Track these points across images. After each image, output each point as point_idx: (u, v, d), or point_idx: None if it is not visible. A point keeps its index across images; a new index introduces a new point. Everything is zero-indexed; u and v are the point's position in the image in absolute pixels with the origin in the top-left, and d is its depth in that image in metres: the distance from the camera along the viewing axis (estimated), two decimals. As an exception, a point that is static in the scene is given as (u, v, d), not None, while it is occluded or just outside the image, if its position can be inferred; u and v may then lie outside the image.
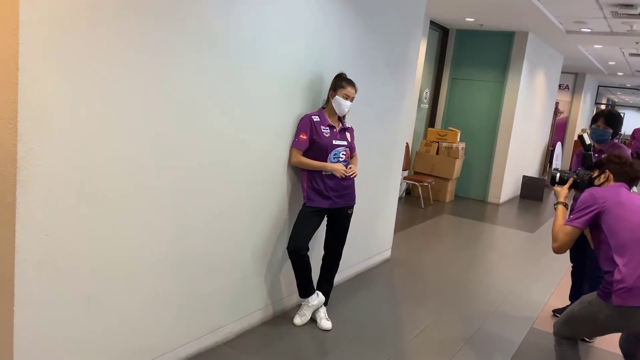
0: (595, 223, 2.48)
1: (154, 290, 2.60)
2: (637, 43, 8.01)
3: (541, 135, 10.50)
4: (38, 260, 2.04)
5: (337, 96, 3.27)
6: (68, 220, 2.13)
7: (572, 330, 2.64)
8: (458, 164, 8.09)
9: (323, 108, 3.37)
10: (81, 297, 2.25)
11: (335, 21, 3.56)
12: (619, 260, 2.37)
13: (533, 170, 10.36)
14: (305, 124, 3.25)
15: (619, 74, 13.55)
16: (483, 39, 8.29)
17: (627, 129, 29.94)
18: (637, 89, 18.30)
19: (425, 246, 5.72)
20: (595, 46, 8.99)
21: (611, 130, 3.67)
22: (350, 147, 3.46)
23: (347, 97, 3.27)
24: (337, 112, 3.31)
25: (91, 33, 2.06)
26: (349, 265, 4.35)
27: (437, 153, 8.01)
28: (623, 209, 2.44)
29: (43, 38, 1.90)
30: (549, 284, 4.83)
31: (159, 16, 2.32)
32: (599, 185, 2.65)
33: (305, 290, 3.42)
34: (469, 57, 8.44)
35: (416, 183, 7.70)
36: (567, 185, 2.84)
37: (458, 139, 8.07)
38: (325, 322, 3.46)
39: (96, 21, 2.07)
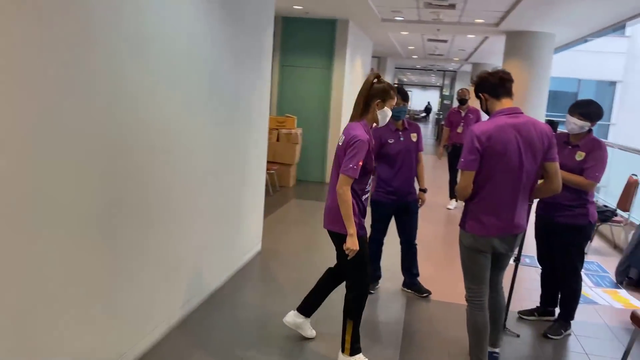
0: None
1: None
2: (438, 30, 9.08)
3: (361, 116, 11.32)
4: None
5: (386, 107, 2.92)
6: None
7: (468, 276, 2.91)
8: (298, 149, 8.31)
9: (362, 119, 2.93)
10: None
11: (204, 12, 3.34)
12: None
13: (357, 149, 11.14)
14: (363, 149, 2.76)
15: (414, 57, 15.25)
16: (309, 27, 8.56)
17: (415, 105, 33.91)
18: (425, 69, 20.84)
19: (289, 233, 5.79)
20: (402, 33, 9.96)
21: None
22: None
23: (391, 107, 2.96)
24: (379, 123, 2.96)
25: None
26: (224, 268, 4.21)
27: (277, 140, 8.11)
28: None
29: None
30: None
31: (33, 9, 1.91)
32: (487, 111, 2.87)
33: None
34: (297, 44, 8.66)
35: (262, 171, 7.70)
36: None
37: (295, 125, 8.28)
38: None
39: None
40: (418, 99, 36.77)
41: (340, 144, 2.89)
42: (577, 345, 3.54)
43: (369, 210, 4.00)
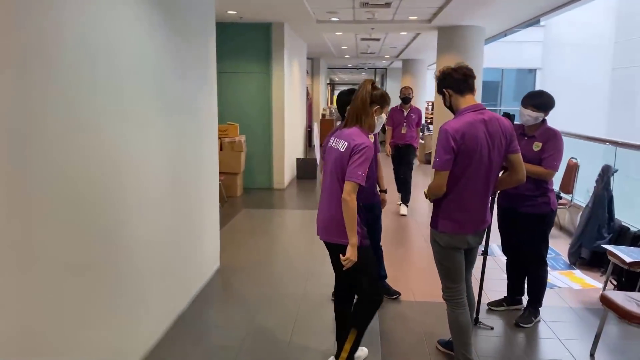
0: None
1: None
2: (372, 29, 9.14)
3: (301, 118, 11.26)
4: None
5: (383, 113, 2.89)
6: None
7: (448, 276, 2.88)
8: (243, 157, 8.11)
9: (359, 127, 2.81)
10: None
11: (149, 24, 3.13)
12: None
13: (300, 152, 11.07)
14: (370, 156, 2.70)
15: (347, 56, 15.34)
16: (244, 32, 8.38)
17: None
18: (356, 68, 21.06)
19: (246, 245, 5.61)
20: (336, 33, 9.96)
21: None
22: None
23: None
24: (374, 129, 2.89)
25: None
26: (186, 291, 3.99)
27: (221, 149, 7.87)
28: None
29: None
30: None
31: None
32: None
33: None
34: (233, 50, 8.44)
35: (208, 183, 7.44)
36: None
37: (238, 133, 8.08)
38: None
39: None
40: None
41: (342, 150, 2.72)
42: (548, 331, 3.62)
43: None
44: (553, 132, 3.47)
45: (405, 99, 6.98)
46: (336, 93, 36.70)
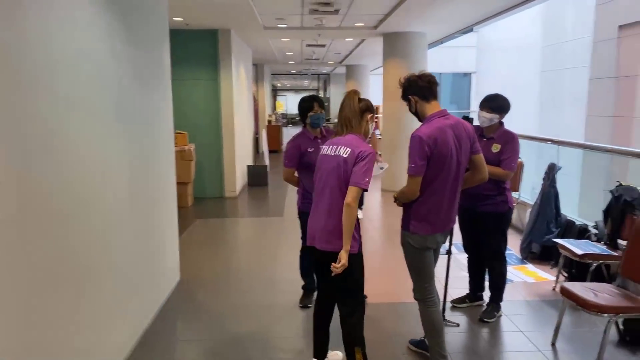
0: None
1: None
2: (318, 35, 9.22)
3: (250, 125, 11.17)
4: None
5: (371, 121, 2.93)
6: None
7: (421, 275, 2.95)
8: (193, 166, 7.96)
9: (356, 134, 2.85)
10: None
11: (108, 34, 3.03)
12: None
13: (250, 159, 10.97)
14: (373, 162, 2.73)
15: (291, 62, 15.38)
16: (190, 39, 8.23)
17: (290, 109, 34.34)
18: (299, 74, 21.15)
19: (204, 255, 5.50)
20: (282, 39, 9.97)
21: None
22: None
23: None
24: (368, 136, 2.89)
25: None
26: (149, 307, 3.88)
27: (170, 159, 7.67)
28: None
29: None
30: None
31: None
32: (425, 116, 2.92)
33: None
34: (180, 58, 8.24)
35: (159, 194, 7.24)
36: None
37: (187, 141, 7.92)
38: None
39: None
40: (293, 103, 37.29)
41: (344, 156, 2.71)
42: (510, 324, 3.77)
43: (298, 222, 3.95)
44: (511, 135, 3.63)
45: None
46: (279, 99, 36.79)
